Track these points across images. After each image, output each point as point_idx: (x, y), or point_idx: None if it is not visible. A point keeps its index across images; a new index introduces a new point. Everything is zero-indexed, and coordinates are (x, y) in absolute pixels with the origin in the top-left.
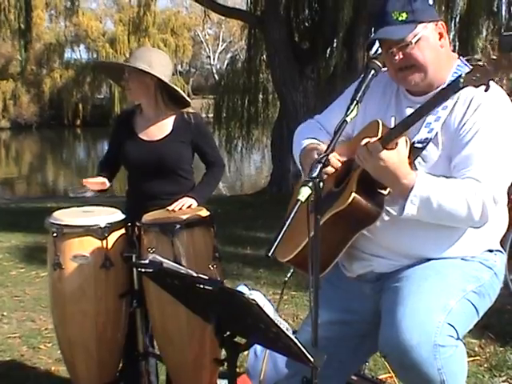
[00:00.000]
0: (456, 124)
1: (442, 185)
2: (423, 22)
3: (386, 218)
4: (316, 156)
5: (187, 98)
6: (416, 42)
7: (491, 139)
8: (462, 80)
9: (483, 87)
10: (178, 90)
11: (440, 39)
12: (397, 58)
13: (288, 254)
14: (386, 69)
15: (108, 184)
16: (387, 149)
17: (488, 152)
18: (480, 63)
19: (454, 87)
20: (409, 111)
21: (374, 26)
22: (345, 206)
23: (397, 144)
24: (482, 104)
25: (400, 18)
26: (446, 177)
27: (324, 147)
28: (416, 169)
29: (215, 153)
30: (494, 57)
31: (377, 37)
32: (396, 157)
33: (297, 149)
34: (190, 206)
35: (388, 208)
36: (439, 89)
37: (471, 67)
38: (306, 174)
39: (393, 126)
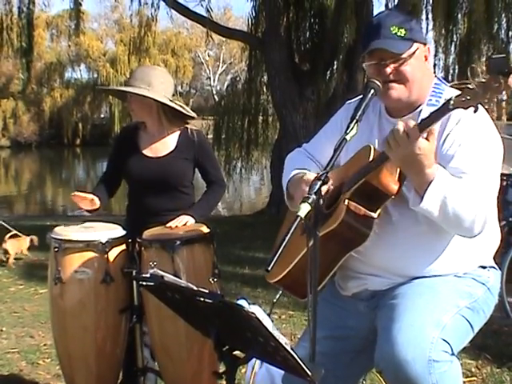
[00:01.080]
0: (437, 139)
1: (459, 186)
2: (417, 42)
3: (376, 238)
4: (303, 185)
5: (191, 113)
6: (409, 59)
7: (474, 152)
8: (452, 102)
9: (472, 109)
10: (179, 108)
11: (425, 61)
12: (388, 70)
13: (277, 275)
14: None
15: (98, 203)
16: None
17: (473, 164)
18: (470, 86)
19: (444, 109)
20: None
21: (369, 37)
22: (335, 226)
23: (431, 132)
24: (462, 119)
25: (399, 34)
26: None
27: (310, 176)
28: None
29: (217, 173)
30: (483, 80)
31: (376, 46)
32: (429, 145)
33: (285, 177)
34: (185, 224)
35: (375, 228)
36: (419, 109)
37: (448, 84)
38: (296, 201)
39: (372, 148)
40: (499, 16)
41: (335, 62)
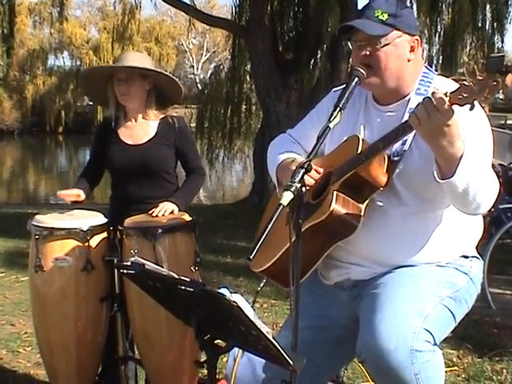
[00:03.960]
0: None
1: (482, 164)
2: (399, 30)
3: (361, 229)
4: (294, 168)
5: (181, 87)
6: (384, 46)
7: (472, 144)
8: (447, 99)
9: (468, 106)
10: (178, 81)
11: (410, 52)
12: (363, 52)
13: (262, 265)
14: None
15: (83, 196)
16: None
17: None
18: (466, 83)
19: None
20: (377, 121)
21: (356, 16)
22: (324, 218)
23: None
24: (456, 111)
25: (380, 17)
26: (428, 183)
27: (300, 159)
28: (394, 183)
29: (198, 161)
30: (480, 77)
31: (351, 24)
32: (456, 117)
33: (272, 163)
34: (172, 212)
35: (364, 222)
36: (408, 98)
37: (436, 73)
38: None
39: (362, 134)
40: (483, 7)
41: (319, 52)
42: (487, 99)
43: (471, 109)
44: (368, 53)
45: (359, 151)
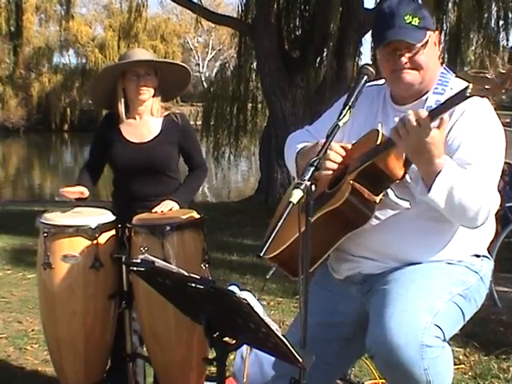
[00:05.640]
0: None
1: (466, 177)
2: (430, 30)
3: (375, 222)
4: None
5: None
6: (424, 49)
7: (479, 143)
8: (469, 90)
9: (479, 99)
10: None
11: (435, 47)
12: (404, 60)
13: (273, 251)
14: (372, 83)
15: (87, 193)
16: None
17: (478, 155)
18: (488, 76)
19: (461, 96)
20: (394, 120)
21: (383, 27)
22: (339, 204)
23: (442, 121)
24: (467, 110)
25: (413, 23)
26: None
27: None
28: (409, 179)
29: (200, 157)
30: (503, 70)
31: (393, 38)
32: (439, 134)
33: (290, 154)
34: (171, 209)
35: (377, 213)
36: (425, 97)
37: (453, 74)
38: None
39: (380, 132)
40: (489, 5)
41: (325, 50)
42: (508, 91)
43: (491, 100)
44: (407, 59)
45: (378, 142)
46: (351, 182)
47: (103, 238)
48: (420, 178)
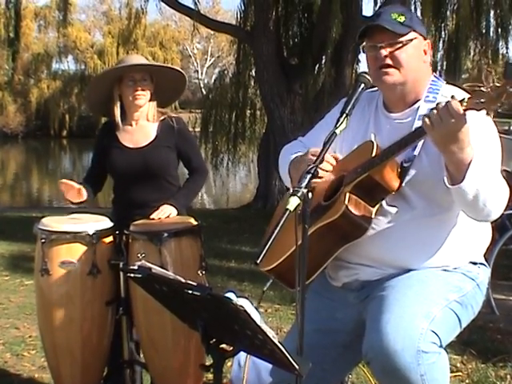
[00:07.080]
0: None
1: (492, 171)
2: (416, 32)
3: (371, 231)
4: (309, 157)
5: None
6: (404, 45)
7: (481, 151)
8: (464, 103)
9: (483, 112)
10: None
11: (424, 55)
12: (383, 52)
13: (271, 263)
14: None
15: (85, 195)
16: None
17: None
18: (483, 89)
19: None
20: (387, 128)
21: (368, 23)
22: (335, 218)
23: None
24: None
25: (398, 19)
26: (437, 189)
27: (314, 150)
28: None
29: (199, 159)
30: (498, 84)
31: (373, 23)
32: (467, 123)
33: (284, 165)
34: (169, 216)
35: (373, 225)
36: (417, 105)
37: (444, 82)
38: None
39: (375, 144)
40: (487, 13)
41: (323, 57)
42: (503, 105)
43: (487, 114)
44: (388, 53)
45: (374, 154)
46: (347, 194)
47: (101, 245)
48: (445, 168)
